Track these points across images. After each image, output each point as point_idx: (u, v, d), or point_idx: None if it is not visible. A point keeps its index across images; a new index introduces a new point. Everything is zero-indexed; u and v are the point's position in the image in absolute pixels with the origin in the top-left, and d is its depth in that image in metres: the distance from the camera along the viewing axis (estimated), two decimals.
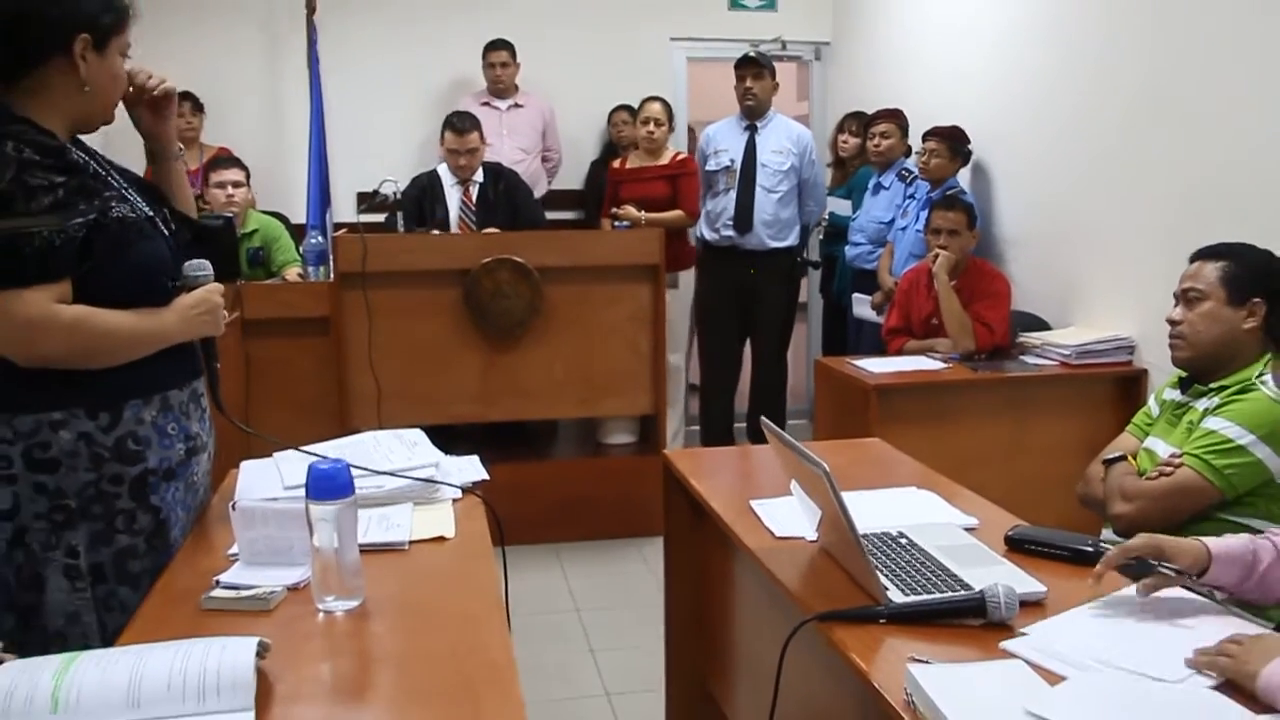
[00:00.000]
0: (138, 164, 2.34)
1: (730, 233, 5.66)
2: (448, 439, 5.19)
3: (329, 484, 1.74)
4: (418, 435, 2.55)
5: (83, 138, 2.14)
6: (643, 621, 3.73)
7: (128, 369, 2.01)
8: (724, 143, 5.73)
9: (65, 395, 1.96)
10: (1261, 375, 2.47)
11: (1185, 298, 2.62)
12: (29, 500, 1.95)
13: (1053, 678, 1.59)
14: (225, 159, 5.21)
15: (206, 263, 2.16)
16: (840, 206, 6.07)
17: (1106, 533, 2.68)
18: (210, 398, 2.23)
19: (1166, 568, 1.84)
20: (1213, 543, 1.86)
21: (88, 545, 1.99)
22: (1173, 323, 2.64)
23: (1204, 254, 2.65)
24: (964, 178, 5.30)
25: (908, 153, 5.53)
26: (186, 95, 6.03)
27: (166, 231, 2.16)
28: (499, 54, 6.34)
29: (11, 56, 1.97)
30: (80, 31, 1.97)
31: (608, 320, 4.90)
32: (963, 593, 1.84)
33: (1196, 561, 1.83)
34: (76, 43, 1.97)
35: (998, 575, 1.89)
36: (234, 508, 1.96)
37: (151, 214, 2.13)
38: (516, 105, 6.45)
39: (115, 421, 2.00)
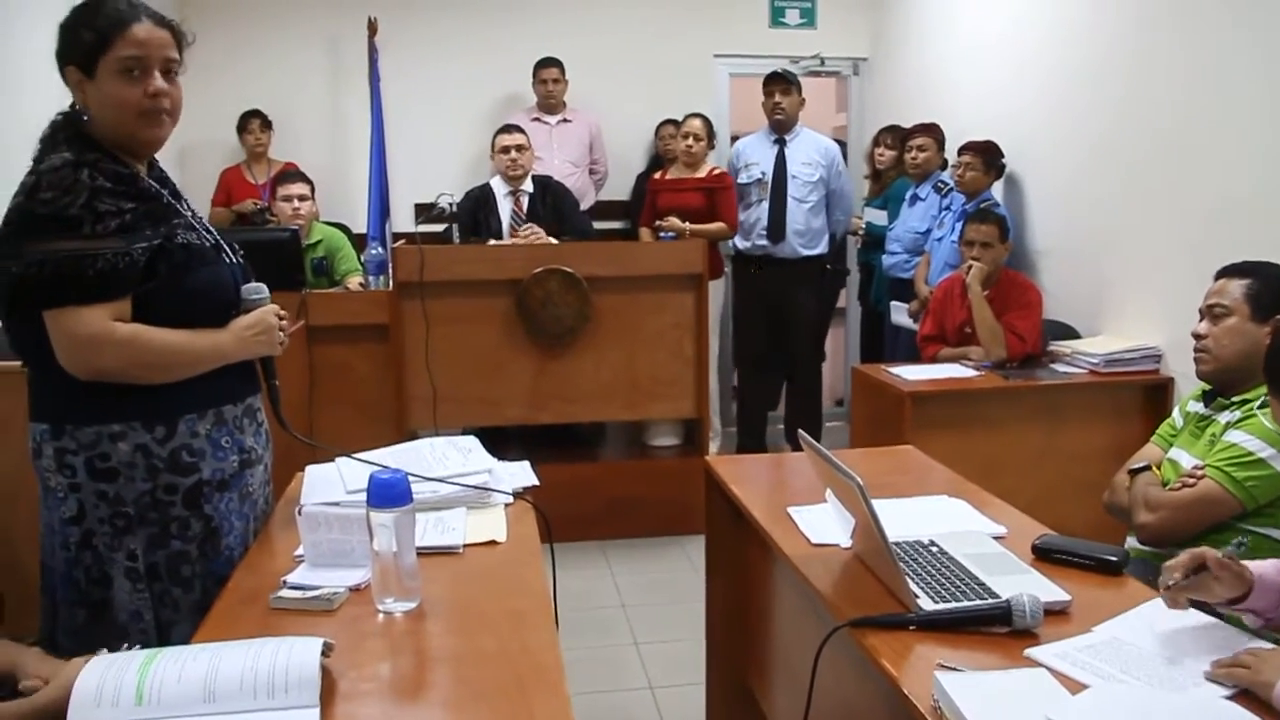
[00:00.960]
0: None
1: (764, 242, 5.81)
2: (500, 441, 5.38)
3: (388, 493, 1.84)
4: (472, 442, 2.63)
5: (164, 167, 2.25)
6: (686, 617, 3.80)
7: (183, 385, 2.09)
8: (754, 156, 5.87)
9: (124, 409, 2.04)
10: (1263, 405, 2.50)
11: (1210, 313, 2.68)
12: (92, 507, 2.05)
13: (1075, 685, 1.65)
14: (292, 173, 5.35)
15: (263, 286, 2.25)
16: (876, 216, 6.16)
17: (1131, 540, 2.74)
18: (273, 413, 2.30)
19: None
20: (1253, 567, 1.89)
21: (145, 548, 2.07)
22: (1198, 337, 2.70)
23: (1230, 271, 2.70)
24: (998, 190, 5.36)
25: (944, 166, 5.60)
26: (256, 113, 6.28)
27: (231, 260, 2.25)
28: (550, 71, 6.49)
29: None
30: (68, 65, 2.05)
31: (653, 327, 5.02)
32: (990, 601, 1.90)
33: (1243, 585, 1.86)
34: (69, 77, 2.06)
35: (1024, 584, 1.96)
36: (300, 512, 2.06)
37: (217, 242, 2.22)
38: (565, 120, 6.59)
39: (170, 434, 2.08)
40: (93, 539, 2.06)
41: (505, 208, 5.38)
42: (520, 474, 2.56)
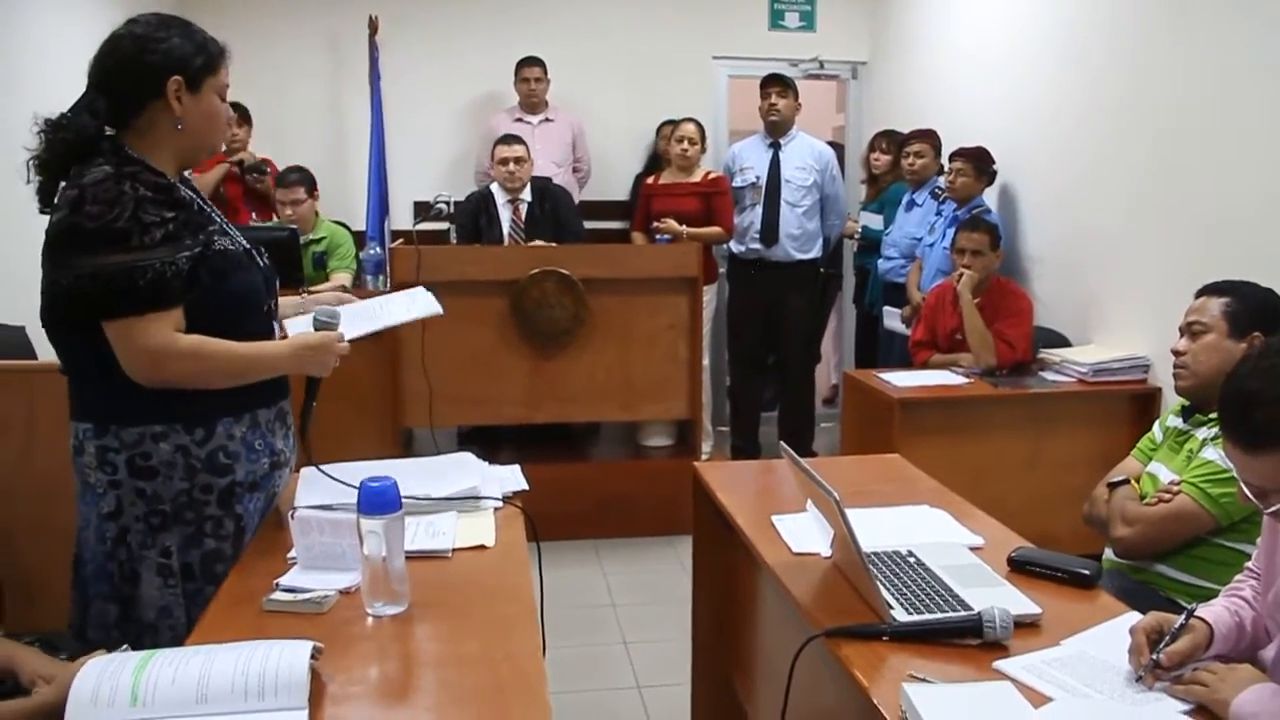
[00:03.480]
0: None
1: (757, 246, 5.87)
2: (495, 440, 5.42)
3: (378, 500, 1.88)
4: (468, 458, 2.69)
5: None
6: (675, 617, 3.84)
7: (221, 389, 2.19)
8: (749, 160, 5.93)
9: (165, 411, 2.14)
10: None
11: (1190, 330, 2.73)
12: (130, 504, 2.15)
13: (1039, 698, 1.70)
14: (289, 174, 5.37)
15: (339, 311, 2.36)
16: (872, 221, 6.20)
17: (1108, 553, 2.80)
18: (298, 431, 2.40)
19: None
20: (1210, 619, 1.87)
21: (180, 547, 2.17)
22: (1177, 353, 2.75)
23: (1209, 290, 2.75)
24: (992, 197, 5.40)
25: (940, 171, 5.63)
26: (235, 106, 6.22)
27: (263, 264, 2.34)
28: (532, 69, 6.49)
29: (118, 102, 2.14)
30: (172, 74, 2.14)
31: (647, 329, 5.08)
32: (962, 613, 1.95)
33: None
34: (169, 85, 2.14)
35: (997, 596, 2.00)
36: (293, 515, 2.11)
37: (249, 247, 2.31)
38: (547, 120, 6.60)
39: (209, 436, 2.18)
40: (127, 535, 2.16)
41: (505, 216, 5.45)
42: (510, 478, 2.60)
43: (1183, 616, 1.84)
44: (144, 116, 2.16)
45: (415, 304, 2.65)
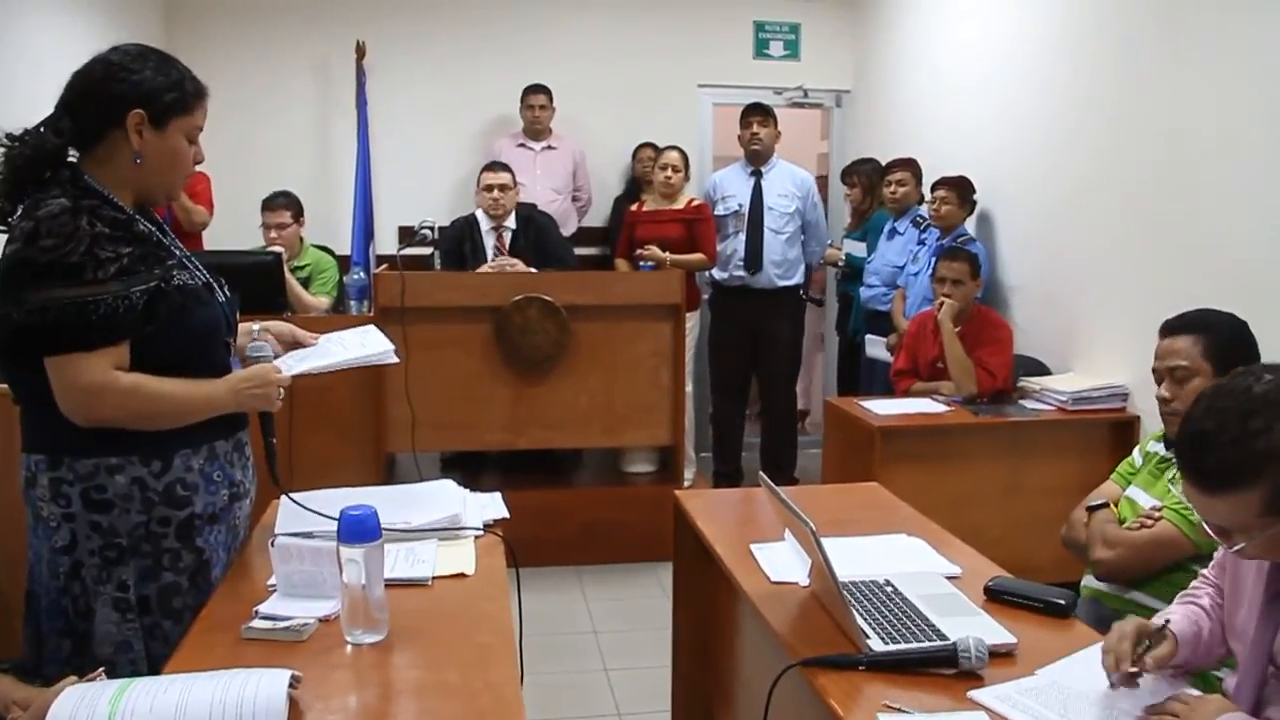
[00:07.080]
0: None
1: (741, 273, 5.90)
2: (478, 465, 5.40)
3: (358, 528, 1.89)
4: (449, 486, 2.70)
5: None
6: (656, 643, 3.81)
7: None
8: (731, 188, 5.97)
9: (121, 443, 2.10)
10: None
11: (1173, 376, 2.65)
12: (85, 537, 2.10)
13: None
14: (276, 197, 5.39)
15: (267, 345, 2.33)
16: (856, 249, 6.24)
17: (1086, 580, 2.81)
18: (267, 469, 2.35)
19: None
20: (1175, 631, 1.93)
21: (137, 580, 2.13)
22: (1164, 400, 2.68)
23: (1175, 328, 2.68)
24: (972, 226, 5.45)
25: (922, 200, 5.68)
26: None
27: (224, 296, 2.31)
28: (537, 97, 6.58)
29: (82, 126, 2.10)
30: (135, 107, 2.10)
31: (630, 356, 5.09)
32: (937, 642, 1.96)
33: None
34: (130, 117, 2.10)
35: (972, 626, 2.02)
36: (272, 543, 2.11)
37: (209, 280, 2.28)
38: (550, 147, 6.67)
39: (166, 468, 2.14)
40: (81, 569, 2.11)
41: (489, 242, 5.45)
42: (491, 506, 2.61)
43: (1160, 622, 1.91)
44: (103, 145, 2.12)
45: (367, 343, 2.62)
